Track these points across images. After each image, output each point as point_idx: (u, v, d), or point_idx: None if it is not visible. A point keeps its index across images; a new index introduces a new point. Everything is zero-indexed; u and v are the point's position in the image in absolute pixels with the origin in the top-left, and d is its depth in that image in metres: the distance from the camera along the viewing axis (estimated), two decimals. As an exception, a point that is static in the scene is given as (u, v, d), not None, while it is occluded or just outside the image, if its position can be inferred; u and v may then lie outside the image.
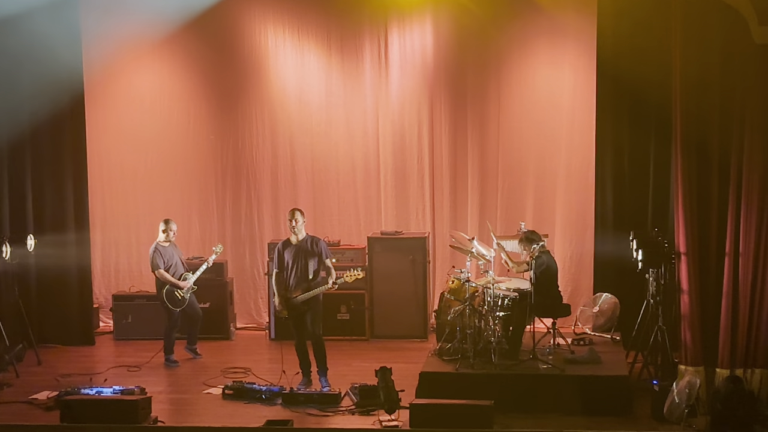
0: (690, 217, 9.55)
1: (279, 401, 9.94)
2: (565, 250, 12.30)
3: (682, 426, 8.97)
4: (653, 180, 11.36)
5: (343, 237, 12.74)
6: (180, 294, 11.35)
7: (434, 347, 10.76)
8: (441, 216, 12.75)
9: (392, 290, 12.26)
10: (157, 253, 11.34)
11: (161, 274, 11.31)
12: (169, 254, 11.44)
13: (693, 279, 9.56)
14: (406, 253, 12.25)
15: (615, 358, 10.36)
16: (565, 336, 10.79)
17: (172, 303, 11.36)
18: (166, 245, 11.45)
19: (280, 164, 12.92)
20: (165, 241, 11.43)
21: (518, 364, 10.01)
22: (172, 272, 11.41)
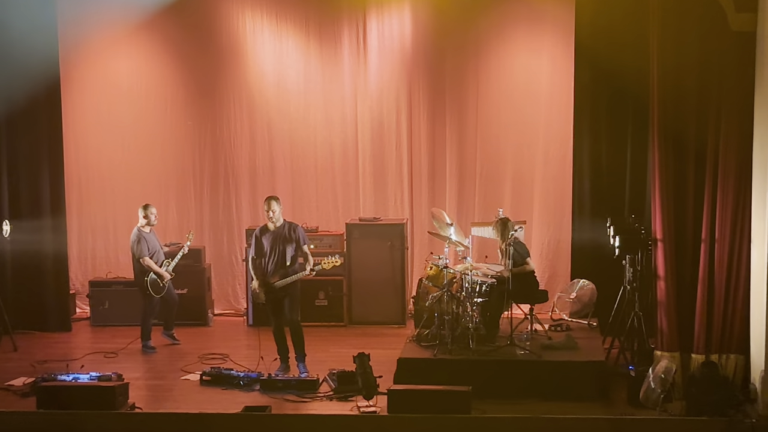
0: (666, 204, 9.58)
1: (257, 387, 9.93)
2: (542, 236, 12.34)
3: (657, 411, 9.01)
4: (630, 167, 11.40)
5: (321, 223, 12.72)
6: (162, 282, 11.33)
7: (412, 333, 10.77)
8: (419, 202, 12.75)
9: (370, 276, 12.26)
10: (142, 241, 11.30)
11: (147, 262, 11.28)
12: (153, 241, 11.42)
13: (669, 265, 9.59)
14: (385, 240, 12.25)
15: (592, 343, 10.40)
16: (543, 322, 10.83)
17: (155, 290, 11.34)
18: (147, 231, 11.41)
19: (258, 150, 12.87)
20: (146, 226, 11.38)
21: (496, 349, 10.03)
22: (155, 259, 11.39)
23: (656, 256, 9.70)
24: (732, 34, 9.28)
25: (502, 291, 10.25)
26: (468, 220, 12.27)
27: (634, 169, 11.35)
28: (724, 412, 8.80)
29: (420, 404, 8.91)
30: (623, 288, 10.36)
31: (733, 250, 9.45)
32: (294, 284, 10.29)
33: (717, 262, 9.49)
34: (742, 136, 9.33)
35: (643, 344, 9.97)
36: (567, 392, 9.46)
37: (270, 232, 10.36)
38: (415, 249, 12.81)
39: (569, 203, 11.91)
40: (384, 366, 9.81)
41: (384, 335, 11.78)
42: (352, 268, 12.32)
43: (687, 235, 9.61)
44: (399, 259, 12.26)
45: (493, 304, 10.35)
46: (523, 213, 12.17)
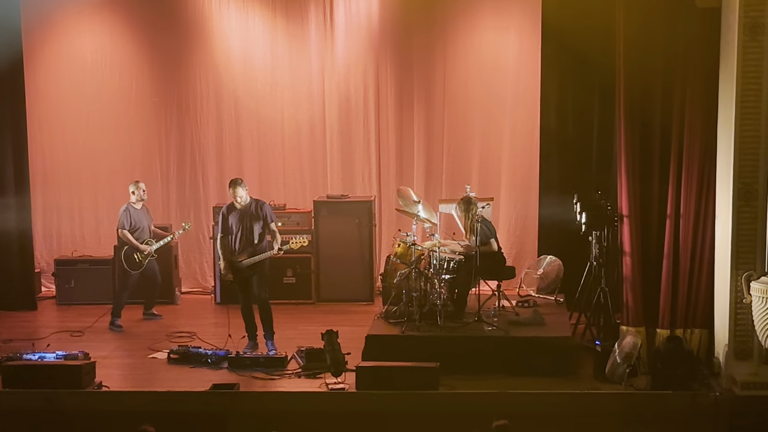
0: (632, 181, 9.62)
1: (225, 365, 9.89)
2: (509, 213, 12.36)
3: (623, 385, 9.08)
4: (597, 144, 11.43)
5: (289, 201, 12.65)
6: (138, 257, 11.28)
7: (380, 310, 10.77)
8: (387, 179, 12.72)
9: (338, 254, 12.23)
10: (126, 213, 11.33)
11: (124, 234, 11.28)
12: (139, 217, 11.40)
13: (635, 241, 9.65)
14: (353, 217, 12.22)
15: (558, 319, 10.46)
16: (510, 298, 10.87)
17: (129, 265, 11.30)
18: (137, 207, 11.42)
19: (225, 127, 12.77)
20: (137, 202, 11.39)
21: (463, 326, 10.05)
22: (137, 236, 11.36)
23: (622, 232, 9.75)
24: (697, 11, 9.31)
25: (470, 268, 10.27)
26: (436, 197, 12.26)
27: (601, 147, 11.38)
28: (689, 386, 8.89)
29: (388, 381, 8.94)
30: (590, 264, 10.42)
31: (697, 227, 9.52)
32: (262, 262, 10.24)
33: (682, 238, 9.56)
34: (706, 113, 9.37)
35: (609, 319, 10.04)
36: (534, 368, 9.50)
37: (237, 210, 10.31)
38: (383, 226, 12.78)
39: (536, 180, 11.94)
40: (352, 343, 9.79)
41: (352, 312, 11.77)
42: (320, 245, 12.28)
43: (652, 211, 9.67)
44: (367, 237, 12.23)
45: (460, 280, 10.36)
46: (491, 190, 12.18)
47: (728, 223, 9.06)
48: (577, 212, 10.40)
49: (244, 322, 10.41)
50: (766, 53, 8.79)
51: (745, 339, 9.05)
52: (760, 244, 8.96)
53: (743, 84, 8.83)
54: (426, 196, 12.04)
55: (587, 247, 10.49)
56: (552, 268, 11.44)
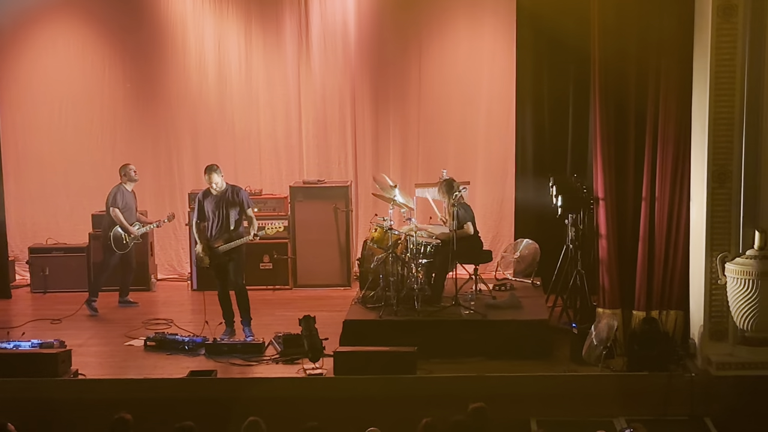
0: (608, 164, 9.64)
1: (202, 352, 9.86)
2: (486, 196, 12.36)
3: (600, 367, 9.12)
4: (572, 128, 11.44)
5: (265, 186, 12.61)
6: (126, 238, 11.33)
7: (357, 295, 10.77)
8: (363, 164, 12.69)
9: (315, 239, 12.21)
10: (120, 194, 11.38)
11: (116, 213, 11.30)
12: (128, 199, 11.45)
13: (611, 224, 9.67)
14: (329, 202, 12.19)
15: (535, 302, 10.50)
16: (487, 282, 10.88)
17: (117, 245, 11.32)
18: (128, 189, 11.47)
19: (200, 113, 12.69)
20: (128, 183, 11.47)
21: (441, 310, 10.06)
22: (125, 218, 11.41)
23: (598, 215, 9.77)
24: (672, -5, 9.33)
25: (447, 252, 10.27)
26: (412, 181, 12.25)
27: (576, 130, 11.39)
28: (665, 367, 8.95)
29: (366, 365, 8.95)
30: (566, 247, 10.45)
31: (672, 209, 9.56)
32: (238, 248, 10.21)
33: (657, 221, 9.60)
34: (681, 97, 9.39)
35: (585, 302, 10.08)
36: (511, 351, 9.53)
37: (213, 197, 10.26)
38: (359, 211, 12.76)
39: (512, 164, 11.95)
40: (330, 328, 9.79)
41: (329, 298, 11.76)
42: (297, 231, 12.25)
43: (628, 194, 9.69)
44: (343, 222, 12.22)
45: (437, 265, 10.37)
46: (467, 173, 12.17)
47: (703, 205, 9.11)
48: (553, 195, 10.41)
49: (221, 309, 10.37)
50: (739, 35, 8.83)
51: (720, 320, 9.13)
52: (734, 226, 9.02)
53: (717, 66, 8.87)
54: (402, 180, 12.03)
55: (563, 230, 10.52)
56: (528, 252, 11.46)
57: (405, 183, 12.03)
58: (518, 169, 11.81)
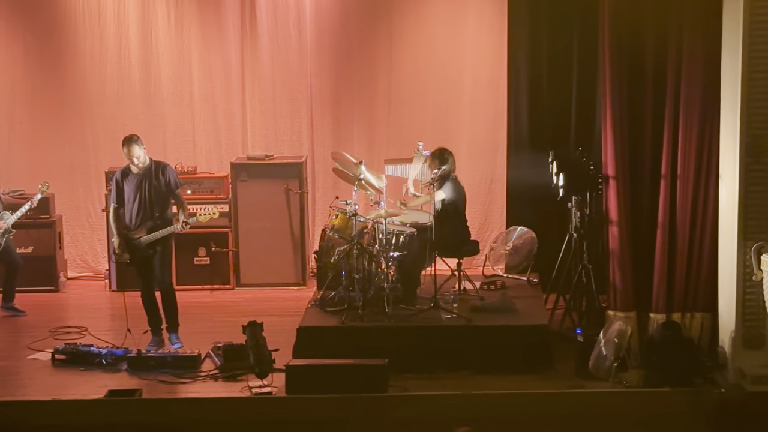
0: (620, 135, 9.69)
1: (124, 366, 9.86)
2: (472, 175, 12.40)
3: (610, 381, 9.18)
4: (577, 90, 11.53)
5: (200, 163, 12.61)
6: None
7: (315, 296, 10.80)
8: (322, 135, 12.73)
9: (262, 227, 12.22)
10: None
11: None
12: None
13: (623, 208, 9.73)
14: (279, 182, 12.20)
15: (532, 304, 10.56)
16: (473, 279, 10.93)
17: None
18: None
19: (122, 67, 12.66)
20: None
21: (417, 314, 10.10)
22: None
23: (608, 197, 9.82)
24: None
25: (424, 242, 10.29)
26: (381, 156, 12.29)
27: (581, 94, 11.47)
28: (689, 381, 9.02)
29: (325, 382, 8.98)
30: (569, 236, 10.51)
31: (698, 189, 9.62)
32: (165, 239, 10.21)
33: (679, 203, 9.66)
34: (708, 54, 9.43)
35: (592, 303, 10.14)
36: (503, 363, 9.59)
37: (134, 175, 10.23)
38: (317, 193, 12.79)
39: (503, 135, 12.02)
40: (281, 337, 9.83)
41: (280, 299, 11.80)
42: (240, 217, 12.26)
43: (644, 171, 9.74)
44: (297, 206, 12.23)
45: (412, 258, 10.40)
46: (449, 146, 12.04)
47: (734, 184, 9.17)
48: (554, 173, 10.47)
49: (146, 313, 10.36)
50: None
51: (755, 324, 9.20)
52: (773, 210, 9.10)
53: (752, 14, 8.89)
54: (368, 156, 12.10)
55: (566, 216, 10.57)
56: (523, 242, 11.50)
57: (372, 159, 12.06)
58: (511, 142, 11.87)
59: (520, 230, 11.59)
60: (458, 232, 10.68)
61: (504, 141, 12.03)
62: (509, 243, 11.60)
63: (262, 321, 9.52)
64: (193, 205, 11.09)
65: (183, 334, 10.40)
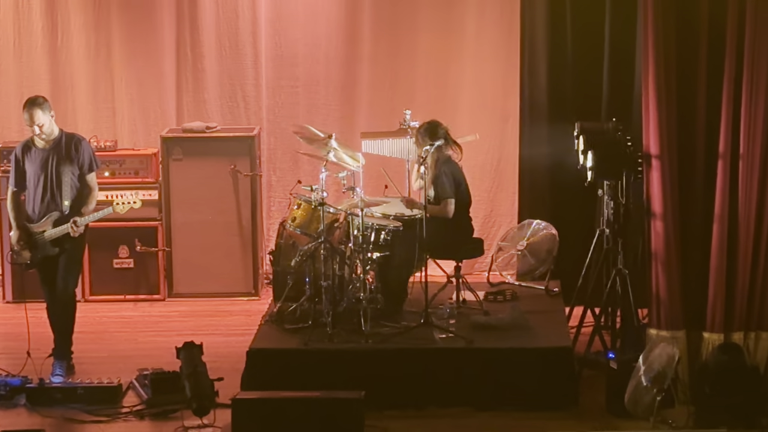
0: (666, 103, 9.67)
1: (22, 400, 9.84)
2: (474, 154, 12.39)
3: (652, 421, 9.19)
4: (609, 48, 11.63)
5: (122, 136, 12.69)
6: None
7: (270, 310, 10.81)
8: (279, 102, 12.81)
9: (202, 221, 12.29)
10: None
11: None
12: None
13: (669, 196, 9.71)
14: (224, 162, 12.25)
15: (551, 320, 10.59)
16: (475, 288, 10.96)
17: None
18: None
19: (21, 12, 12.71)
20: None
21: (402, 333, 10.10)
22: None
23: (650, 181, 9.81)
24: None
25: (413, 240, 10.30)
26: (356, 129, 12.33)
27: (616, 54, 11.59)
28: (753, 421, 9.06)
29: (283, 421, 8.99)
30: (599, 232, 10.52)
31: (766, 172, 9.64)
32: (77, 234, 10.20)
33: (742, 191, 9.65)
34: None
35: (629, 319, 10.16)
36: (513, 397, 9.61)
37: (38, 151, 10.25)
38: (273, 176, 12.89)
39: (515, 102, 12.09)
40: (226, 362, 9.89)
41: (225, 314, 11.89)
42: (174, 207, 12.31)
43: (696, 149, 9.75)
44: (248, 193, 12.30)
45: (397, 261, 10.44)
46: (445, 116, 12.04)
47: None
48: (580, 151, 10.46)
49: (52, 332, 10.36)
50: None
51: (840, 348, 9.27)
52: None
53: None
54: (340, 128, 12.15)
55: (595, 207, 10.63)
56: (541, 241, 11.54)
57: (346, 132, 12.09)
58: (525, 110, 11.97)
59: (536, 225, 11.62)
60: (457, 227, 10.70)
61: (516, 108, 12.11)
62: (522, 241, 11.62)
63: (202, 342, 9.53)
64: (111, 192, 11.05)
65: (99, 357, 10.43)
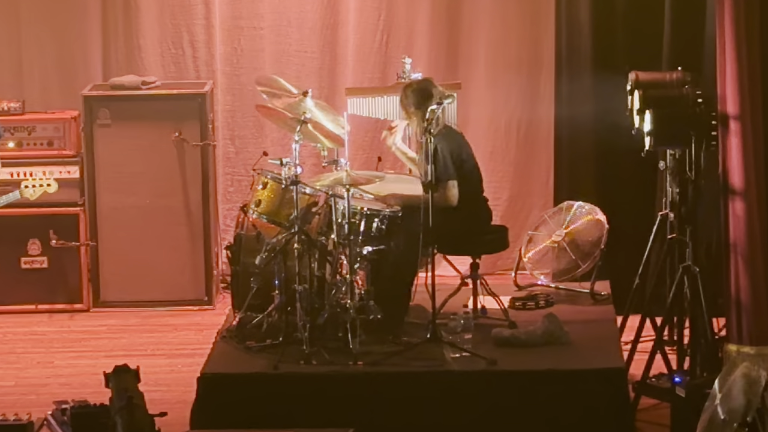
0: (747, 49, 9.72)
1: None
2: (497, 116, 12.57)
3: (731, 465, 9.22)
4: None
5: (31, 96, 12.76)
6: None
7: (228, 322, 10.86)
8: (237, 50, 12.86)
9: (137, 205, 12.34)
10: None
11: None
12: None
13: (753, 169, 9.76)
14: (166, 128, 12.30)
15: (598, 333, 10.64)
16: (498, 292, 10.97)
17: None
18: None
19: None
20: None
21: (402, 351, 10.12)
22: None
23: (727, 150, 9.87)
24: None
25: (416, 230, 10.30)
26: (340, 84, 12.35)
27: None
28: None
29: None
30: (661, 218, 10.53)
31: None
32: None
33: None
34: None
35: (701, 331, 10.15)
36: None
37: None
38: (230, 146, 12.96)
39: (550, 44, 12.25)
40: (171, 392, 9.99)
41: (169, 328, 11.96)
42: (100, 188, 12.38)
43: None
44: (198, 169, 12.34)
45: (395, 257, 10.47)
46: (460, 68, 12.41)
47: None
48: (635, 111, 10.45)
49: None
50: None
51: None
52: None
53: None
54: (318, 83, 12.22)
55: (655, 184, 10.72)
56: (584, 229, 11.57)
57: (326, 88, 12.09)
58: (561, 59, 12.11)
59: (578, 208, 11.66)
60: (471, 211, 10.70)
61: (551, 55, 12.24)
62: (560, 230, 11.64)
63: (138, 366, 9.43)
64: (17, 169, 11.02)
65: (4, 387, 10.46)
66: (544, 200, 12.37)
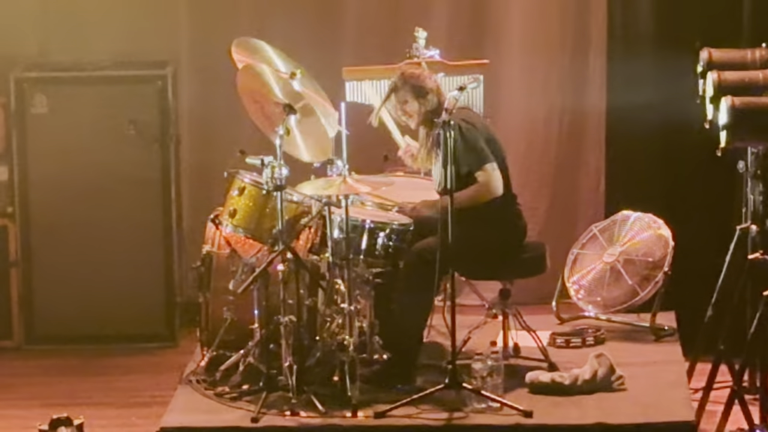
0: None
1: None
2: (534, 103, 12.64)
3: None
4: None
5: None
6: None
7: (195, 362, 10.89)
8: (207, 18, 12.91)
9: (82, 216, 12.33)
10: None
11: None
12: None
13: None
14: (117, 118, 12.33)
15: (662, 378, 10.67)
16: (535, 327, 11.01)
17: None
18: None
19: None
20: None
21: (414, 400, 10.13)
22: None
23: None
24: None
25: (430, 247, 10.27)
26: (337, 63, 12.38)
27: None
28: None
29: None
30: (740, 233, 10.53)
31: None
32: None
33: None
34: None
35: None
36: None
37: None
38: (197, 141, 13.01)
39: (602, 21, 12.35)
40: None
41: (122, 370, 11.99)
42: (33, 195, 12.42)
43: None
44: (157, 171, 12.35)
45: (406, 282, 10.45)
46: (485, 47, 12.38)
47: None
48: (707, 98, 10.46)
49: None
50: None
51: None
52: None
53: None
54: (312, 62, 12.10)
55: (733, 189, 10.70)
56: (644, 247, 11.57)
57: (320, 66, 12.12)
58: (616, 37, 12.20)
59: (636, 220, 11.69)
60: (498, 225, 10.69)
61: (602, 30, 12.33)
62: (613, 248, 11.64)
63: (82, 419, 9.49)
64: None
65: None
66: (593, 210, 12.44)
